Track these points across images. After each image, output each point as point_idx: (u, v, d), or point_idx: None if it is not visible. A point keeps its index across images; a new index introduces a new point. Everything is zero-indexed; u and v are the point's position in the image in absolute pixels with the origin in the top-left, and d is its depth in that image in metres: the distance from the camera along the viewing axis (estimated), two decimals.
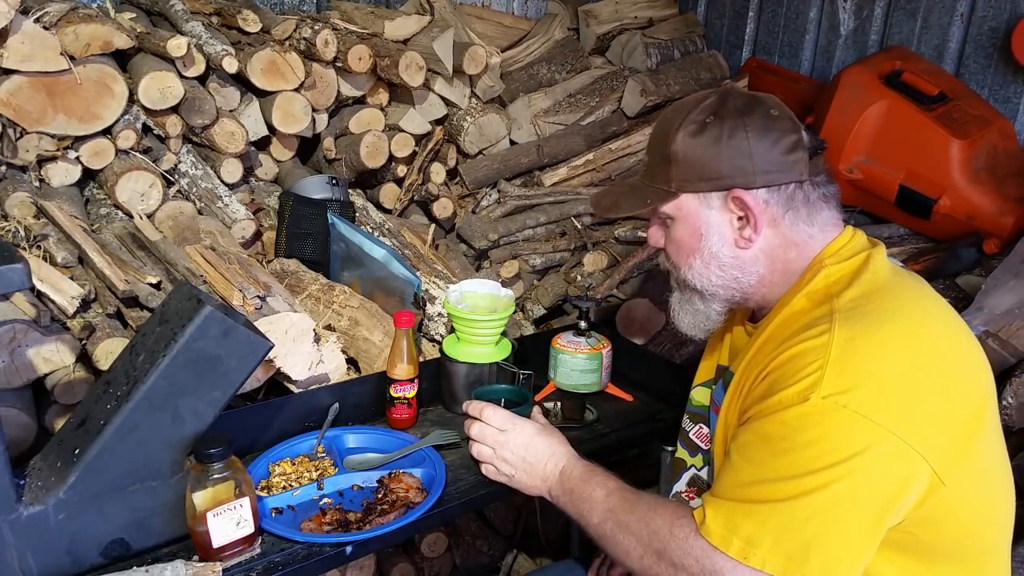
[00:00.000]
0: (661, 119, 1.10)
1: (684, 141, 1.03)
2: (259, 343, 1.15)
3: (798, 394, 0.89)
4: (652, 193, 1.08)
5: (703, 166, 1.03)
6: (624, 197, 1.14)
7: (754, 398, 0.97)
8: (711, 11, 3.14)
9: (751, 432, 0.95)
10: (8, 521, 1.00)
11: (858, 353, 0.90)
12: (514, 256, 2.28)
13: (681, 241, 1.09)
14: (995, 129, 2.20)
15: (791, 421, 0.89)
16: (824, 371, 0.88)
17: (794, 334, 0.96)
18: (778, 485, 0.89)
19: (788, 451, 0.89)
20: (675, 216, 1.08)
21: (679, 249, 1.10)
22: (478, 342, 1.55)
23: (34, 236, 1.51)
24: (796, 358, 0.92)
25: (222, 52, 1.84)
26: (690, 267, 1.09)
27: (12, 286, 0.94)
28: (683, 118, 1.04)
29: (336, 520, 1.21)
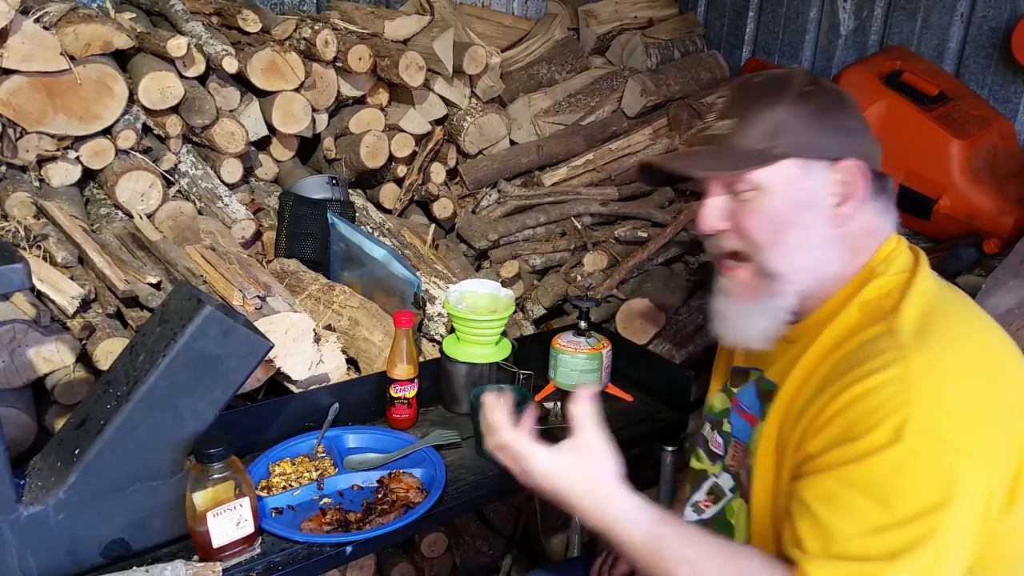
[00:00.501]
0: (747, 86, 1.02)
1: (789, 104, 0.97)
2: (259, 343, 1.15)
3: (889, 434, 0.83)
4: (745, 157, 0.97)
5: (810, 131, 0.97)
6: (703, 157, 1.01)
7: (828, 440, 0.88)
8: (711, 11, 3.14)
9: (836, 480, 0.86)
10: (8, 521, 1.00)
11: (939, 383, 0.85)
12: (514, 256, 2.28)
13: (775, 214, 0.97)
14: (995, 129, 2.20)
15: (887, 464, 0.83)
16: (911, 407, 0.83)
17: (857, 362, 0.89)
18: (891, 535, 0.82)
19: (891, 497, 0.83)
20: (767, 186, 0.96)
21: (769, 225, 0.97)
22: (478, 342, 1.55)
23: (34, 236, 1.51)
24: (872, 394, 0.85)
25: (222, 52, 1.84)
26: (782, 246, 0.98)
27: (12, 286, 0.94)
28: (781, 85, 0.99)
29: (336, 520, 1.21)
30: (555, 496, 0.96)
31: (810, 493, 0.88)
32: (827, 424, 0.89)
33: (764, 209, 0.97)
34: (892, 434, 0.83)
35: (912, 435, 0.82)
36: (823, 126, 0.97)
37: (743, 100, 1.01)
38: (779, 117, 0.96)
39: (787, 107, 0.97)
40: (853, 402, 0.86)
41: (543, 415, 1.56)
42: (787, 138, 0.96)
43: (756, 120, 0.98)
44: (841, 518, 0.85)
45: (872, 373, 0.86)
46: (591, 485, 0.93)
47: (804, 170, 0.97)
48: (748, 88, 1.02)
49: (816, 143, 0.97)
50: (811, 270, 0.99)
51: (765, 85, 1.00)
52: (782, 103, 0.97)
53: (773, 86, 0.99)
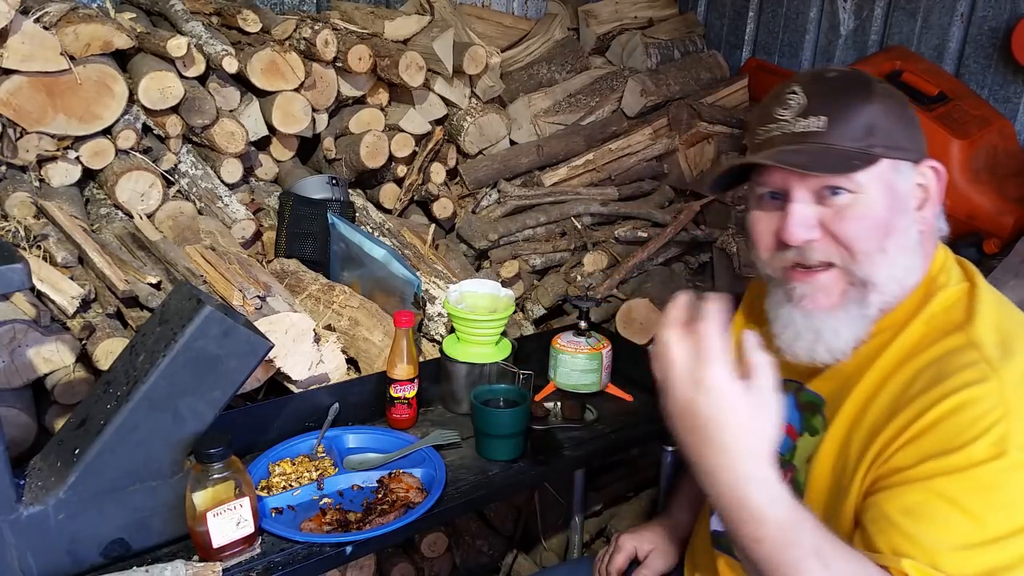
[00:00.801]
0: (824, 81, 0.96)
1: (878, 102, 0.93)
2: (259, 343, 1.15)
3: (991, 448, 0.80)
4: (849, 157, 0.91)
5: (897, 132, 0.93)
6: (822, 156, 0.92)
7: (920, 453, 0.85)
8: (711, 11, 3.14)
9: (927, 492, 0.83)
10: (8, 521, 1.00)
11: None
12: (514, 256, 2.28)
13: (877, 219, 0.92)
14: (995, 129, 2.20)
15: (985, 479, 0.81)
16: (1010, 421, 0.81)
17: (942, 375, 0.86)
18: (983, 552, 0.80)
19: (985, 512, 0.80)
20: (867, 189, 0.92)
21: (873, 231, 0.92)
22: (478, 342, 1.55)
23: (34, 236, 1.51)
24: (968, 407, 0.83)
25: (222, 52, 1.84)
26: (883, 253, 0.92)
27: (12, 286, 0.94)
28: (863, 81, 0.95)
29: (336, 520, 1.21)
30: (695, 432, 0.81)
31: (894, 505, 0.84)
32: (918, 437, 0.85)
33: (865, 214, 0.92)
34: (993, 448, 0.80)
35: (1016, 450, 0.80)
36: (906, 126, 0.95)
37: (828, 96, 0.94)
38: (872, 115, 0.92)
39: (877, 105, 0.93)
40: (948, 415, 0.84)
41: (543, 415, 1.56)
42: (881, 138, 0.92)
43: (850, 118, 0.92)
44: (929, 530, 0.81)
45: (966, 386, 0.84)
46: (750, 441, 0.79)
47: (895, 171, 0.93)
48: (828, 84, 0.95)
49: (904, 144, 0.94)
50: (901, 279, 0.95)
51: (846, 81, 0.95)
52: (873, 101, 0.93)
53: (855, 83, 0.95)
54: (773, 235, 0.98)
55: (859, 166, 0.91)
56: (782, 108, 0.95)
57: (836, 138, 0.92)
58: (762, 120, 0.97)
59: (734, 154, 2.60)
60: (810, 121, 0.92)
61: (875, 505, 0.87)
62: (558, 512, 2.22)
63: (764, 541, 0.79)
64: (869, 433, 0.91)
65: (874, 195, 0.92)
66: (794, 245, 0.95)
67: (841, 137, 0.92)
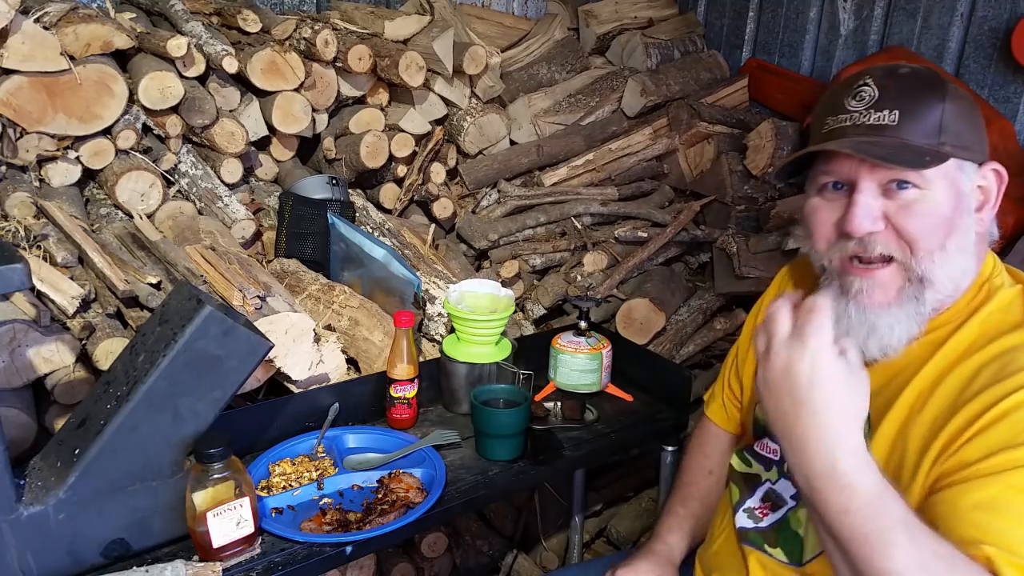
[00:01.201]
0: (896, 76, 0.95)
1: (952, 101, 0.93)
2: (259, 343, 1.15)
3: None
4: (922, 152, 0.92)
5: (965, 132, 0.94)
6: (896, 150, 0.92)
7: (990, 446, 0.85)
8: (711, 11, 3.14)
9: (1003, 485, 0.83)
10: (8, 521, 1.00)
11: None
12: (514, 256, 2.28)
13: (941, 216, 0.93)
14: (995, 129, 2.19)
15: None
16: None
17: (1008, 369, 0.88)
18: None
19: None
20: (934, 186, 0.92)
21: (936, 227, 0.93)
22: (478, 342, 1.55)
23: (34, 236, 1.51)
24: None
25: (222, 52, 1.84)
26: (943, 251, 0.93)
27: (12, 286, 0.94)
28: (934, 79, 0.95)
29: (336, 520, 1.21)
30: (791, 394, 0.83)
31: (967, 499, 0.84)
32: (985, 430, 0.86)
33: (931, 211, 0.92)
34: None
35: None
36: (974, 128, 0.95)
37: (901, 92, 0.94)
38: (943, 114, 0.92)
39: (949, 104, 0.93)
40: (1015, 408, 0.85)
41: (543, 415, 1.55)
42: (950, 136, 0.92)
43: (922, 115, 0.92)
44: (1005, 523, 0.81)
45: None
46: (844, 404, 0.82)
47: (961, 171, 0.94)
48: (901, 79, 0.95)
49: (970, 144, 0.94)
50: (957, 279, 0.96)
51: (918, 79, 0.95)
52: (945, 100, 0.93)
53: (927, 80, 0.95)
54: (834, 225, 0.98)
55: (930, 163, 0.91)
56: (854, 100, 0.95)
57: (908, 133, 0.92)
58: (832, 110, 0.97)
59: (734, 154, 2.59)
60: (883, 114, 0.93)
61: (946, 501, 0.86)
62: (558, 512, 2.21)
63: (852, 512, 0.79)
64: (929, 429, 0.92)
65: (940, 193, 0.92)
66: (857, 236, 0.95)
67: (913, 133, 0.92)
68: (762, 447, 1.19)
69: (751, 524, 1.15)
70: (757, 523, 1.14)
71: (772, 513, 1.13)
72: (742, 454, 1.23)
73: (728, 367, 1.36)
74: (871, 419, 0.99)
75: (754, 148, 2.53)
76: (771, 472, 1.17)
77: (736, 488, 1.22)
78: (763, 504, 1.15)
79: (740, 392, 1.32)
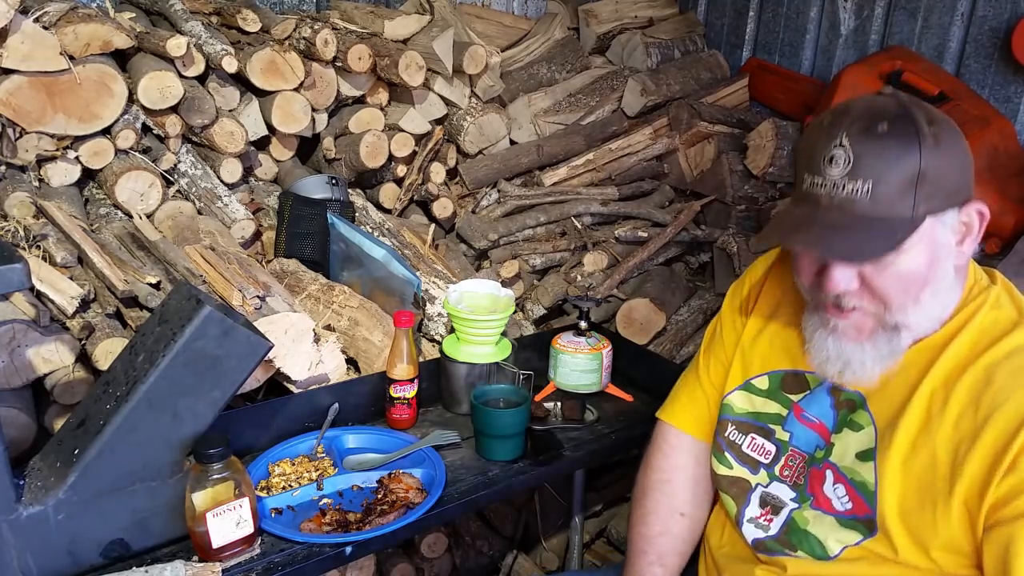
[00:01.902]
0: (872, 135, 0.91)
1: (931, 156, 0.89)
2: (259, 343, 1.15)
3: None
4: (893, 228, 0.91)
5: (949, 180, 0.91)
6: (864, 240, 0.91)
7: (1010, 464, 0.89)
8: (711, 10, 3.14)
9: None
10: (8, 521, 1.00)
11: None
12: (514, 256, 2.28)
13: (913, 275, 0.93)
14: (995, 129, 2.20)
15: None
16: None
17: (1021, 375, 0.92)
18: None
19: None
20: (908, 248, 0.92)
21: (908, 287, 0.94)
22: (478, 342, 1.55)
23: (34, 236, 1.51)
24: None
25: (222, 52, 1.84)
26: (916, 303, 0.95)
27: (12, 286, 0.94)
28: (910, 128, 0.90)
29: (336, 520, 1.21)
30: None
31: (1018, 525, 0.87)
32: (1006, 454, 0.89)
33: (904, 272, 0.93)
34: None
35: None
36: (954, 170, 0.92)
37: (876, 157, 0.90)
38: (920, 170, 0.89)
39: (925, 158, 0.89)
40: None
41: (543, 415, 1.55)
42: (927, 193, 0.90)
43: (896, 180, 0.90)
44: None
45: None
46: None
47: (939, 222, 0.93)
48: (878, 142, 0.90)
49: (951, 190, 0.92)
50: (936, 316, 0.98)
51: (895, 137, 0.90)
52: (920, 155, 0.89)
53: (902, 133, 0.90)
54: (814, 273, 1.00)
55: (901, 240, 0.90)
56: (830, 165, 0.93)
57: (880, 205, 0.91)
58: (810, 167, 0.95)
59: (735, 154, 2.59)
60: (856, 185, 0.91)
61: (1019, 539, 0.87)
62: (558, 512, 2.21)
63: None
64: (955, 430, 0.94)
65: (915, 254, 0.92)
66: (832, 294, 0.97)
67: (886, 203, 0.91)
68: (752, 447, 1.15)
69: (763, 534, 1.11)
70: (767, 532, 1.10)
71: (776, 517, 1.10)
72: (723, 456, 1.18)
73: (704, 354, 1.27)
74: (877, 425, 1.00)
75: (754, 148, 2.53)
76: (760, 475, 1.13)
77: (729, 497, 1.17)
78: (763, 510, 1.12)
79: (723, 378, 1.22)
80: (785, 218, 0.99)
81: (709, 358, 1.26)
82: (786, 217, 0.99)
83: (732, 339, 1.22)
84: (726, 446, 1.18)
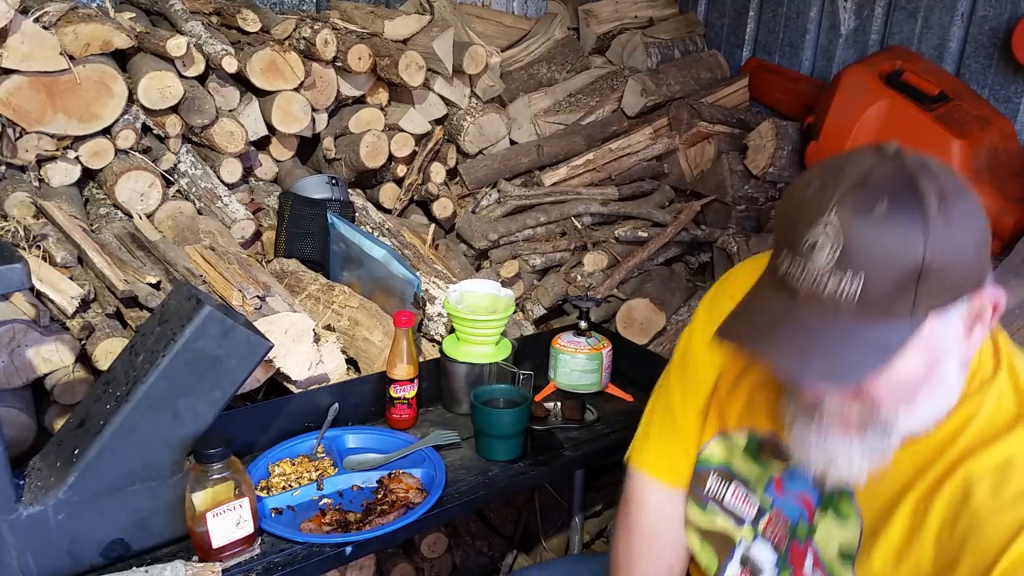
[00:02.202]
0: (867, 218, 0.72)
1: (938, 243, 0.71)
2: (259, 343, 1.15)
3: None
4: (890, 333, 0.74)
5: (960, 268, 0.74)
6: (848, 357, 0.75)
7: None
8: (711, 10, 3.14)
9: None
10: (8, 521, 1.00)
11: None
12: (514, 256, 2.28)
13: (907, 380, 0.78)
14: (995, 129, 2.20)
15: None
16: None
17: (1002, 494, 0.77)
18: None
19: None
20: (902, 353, 0.75)
21: (902, 392, 0.79)
22: (478, 342, 1.55)
23: (34, 236, 1.51)
24: None
25: (222, 52, 1.84)
26: (910, 406, 0.80)
27: (12, 286, 0.94)
28: (918, 213, 0.71)
29: (336, 520, 1.21)
30: None
31: None
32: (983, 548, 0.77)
33: (896, 379, 0.77)
34: None
35: None
36: (967, 255, 0.74)
37: (871, 246, 0.72)
38: (922, 265, 0.71)
39: (931, 247, 0.71)
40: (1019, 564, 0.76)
41: (543, 415, 1.55)
42: (932, 290, 0.73)
43: (892, 276, 0.72)
44: None
45: None
46: None
47: (943, 318, 0.75)
48: (874, 226, 0.72)
49: (961, 280, 0.75)
50: (933, 417, 0.82)
51: (895, 218, 0.71)
52: (925, 244, 0.71)
53: (905, 216, 0.71)
54: None
55: (897, 348, 0.74)
56: (813, 251, 0.74)
57: (872, 304, 0.73)
58: (790, 243, 0.77)
59: (735, 154, 2.59)
60: (844, 279, 0.73)
61: None
62: (558, 512, 2.21)
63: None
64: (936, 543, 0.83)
65: (911, 357, 0.76)
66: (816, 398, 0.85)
67: (879, 301, 0.73)
68: (735, 498, 1.02)
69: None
70: None
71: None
72: (708, 505, 1.04)
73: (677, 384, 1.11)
74: (863, 523, 0.89)
75: (755, 148, 2.53)
76: (744, 530, 1.01)
77: (707, 551, 1.04)
78: (743, 569, 1.01)
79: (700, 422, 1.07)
80: (756, 307, 0.81)
81: (684, 395, 1.09)
82: (757, 306, 0.81)
83: (708, 378, 1.06)
84: (707, 495, 1.05)
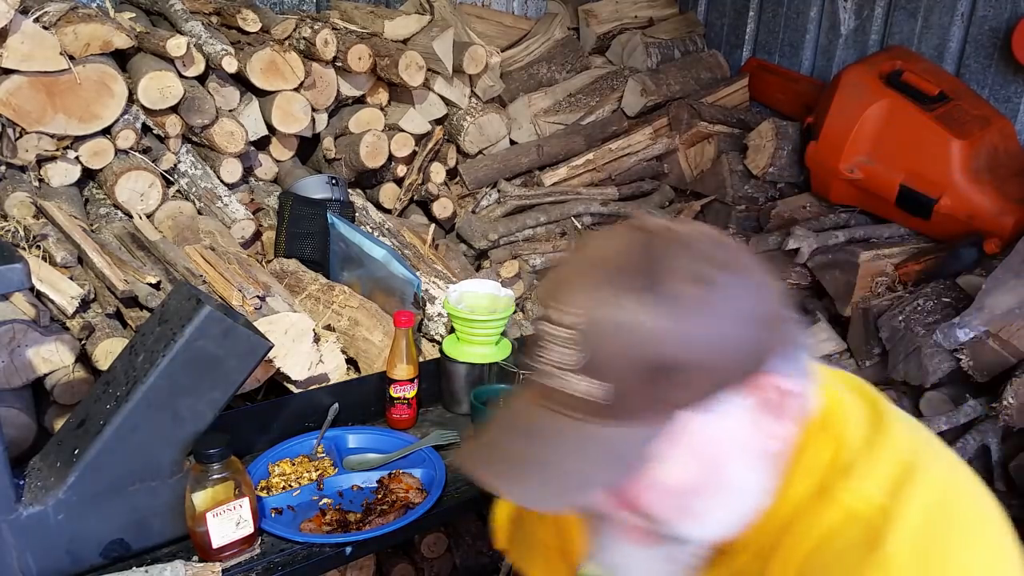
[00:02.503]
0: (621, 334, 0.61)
1: (688, 335, 0.61)
2: (259, 343, 1.15)
3: None
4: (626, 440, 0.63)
5: (718, 359, 0.62)
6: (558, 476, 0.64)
7: None
8: (711, 10, 3.14)
9: None
10: (8, 521, 1.00)
11: None
12: (514, 256, 2.28)
13: (679, 487, 0.66)
14: (995, 129, 2.20)
15: None
16: None
17: None
18: None
19: None
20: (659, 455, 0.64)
21: (668, 498, 0.67)
22: (478, 342, 1.55)
23: (34, 236, 1.51)
24: None
25: (222, 52, 1.84)
26: (693, 516, 0.68)
27: (12, 286, 0.94)
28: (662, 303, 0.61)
29: (336, 520, 1.21)
30: None
31: None
32: None
33: (660, 483, 0.66)
34: None
35: None
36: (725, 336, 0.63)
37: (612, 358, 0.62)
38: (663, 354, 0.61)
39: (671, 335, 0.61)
40: None
41: None
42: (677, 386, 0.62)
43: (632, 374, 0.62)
44: None
45: None
46: None
47: (707, 414, 0.64)
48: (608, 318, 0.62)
49: (721, 370, 0.63)
50: (735, 521, 0.70)
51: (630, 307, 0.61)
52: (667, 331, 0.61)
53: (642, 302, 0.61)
54: None
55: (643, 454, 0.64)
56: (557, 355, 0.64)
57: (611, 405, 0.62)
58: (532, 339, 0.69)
59: (735, 154, 2.59)
60: (592, 385, 0.63)
61: None
62: None
63: None
64: None
65: (676, 461, 0.65)
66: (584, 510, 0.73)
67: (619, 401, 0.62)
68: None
69: None
70: None
71: None
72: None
73: None
74: None
75: (754, 148, 2.53)
76: None
77: None
78: None
79: None
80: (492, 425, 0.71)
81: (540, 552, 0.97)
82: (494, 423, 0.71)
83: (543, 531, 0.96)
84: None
